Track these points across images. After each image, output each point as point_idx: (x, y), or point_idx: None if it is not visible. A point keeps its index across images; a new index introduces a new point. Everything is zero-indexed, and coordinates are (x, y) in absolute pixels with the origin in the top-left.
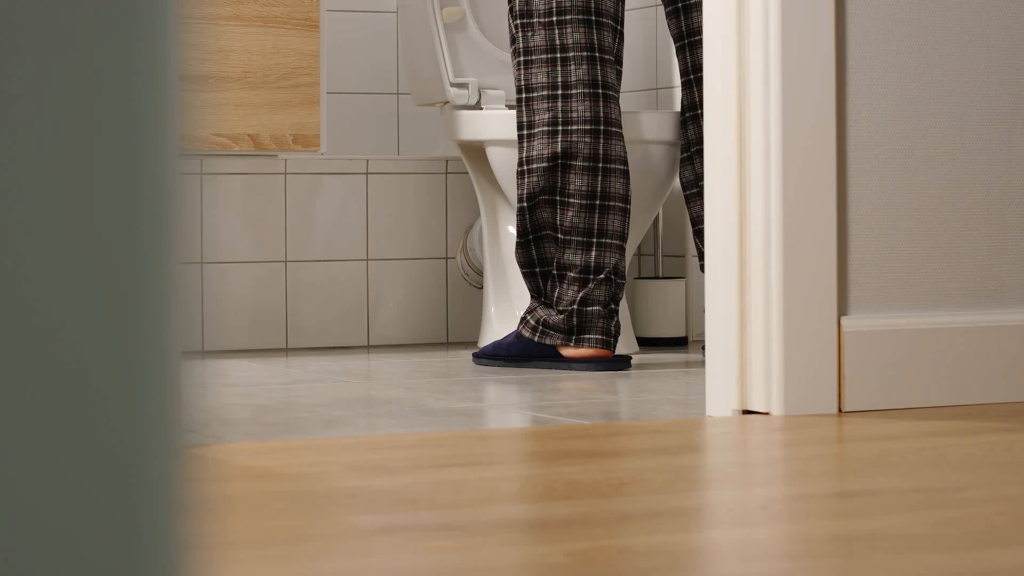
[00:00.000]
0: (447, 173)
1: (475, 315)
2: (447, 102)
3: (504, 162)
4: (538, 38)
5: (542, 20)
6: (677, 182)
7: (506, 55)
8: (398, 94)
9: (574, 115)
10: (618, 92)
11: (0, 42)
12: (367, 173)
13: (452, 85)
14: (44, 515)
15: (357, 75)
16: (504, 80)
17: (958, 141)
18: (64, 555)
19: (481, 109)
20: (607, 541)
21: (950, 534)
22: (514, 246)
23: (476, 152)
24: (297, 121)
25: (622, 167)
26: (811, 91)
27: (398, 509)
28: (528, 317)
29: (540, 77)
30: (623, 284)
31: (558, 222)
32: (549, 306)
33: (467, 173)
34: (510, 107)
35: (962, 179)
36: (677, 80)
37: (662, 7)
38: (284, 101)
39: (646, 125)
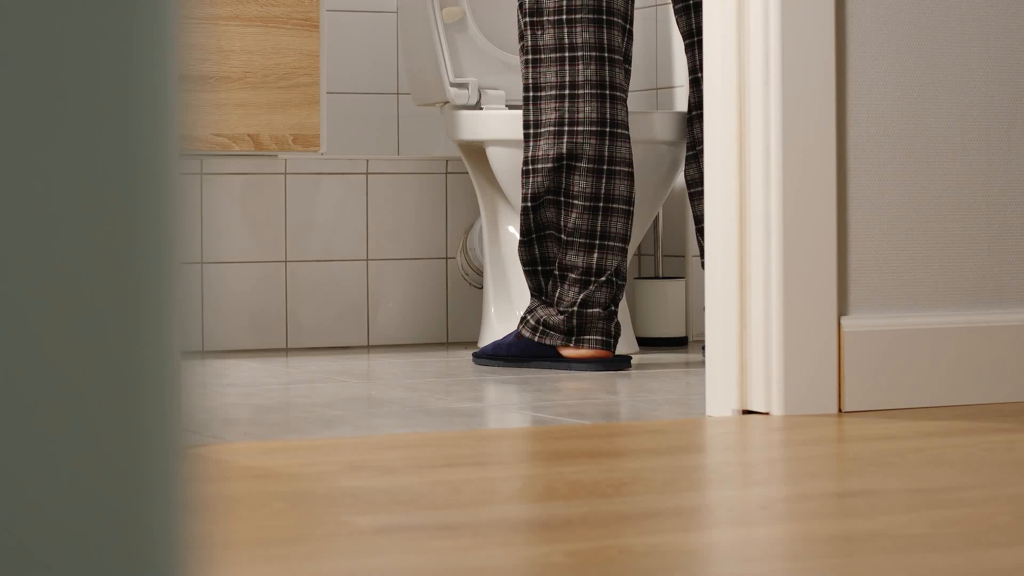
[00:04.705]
0: (447, 173)
1: (475, 315)
2: (447, 102)
3: (504, 162)
4: (547, 36)
5: (551, 18)
6: (678, 181)
7: (506, 55)
8: (398, 94)
9: (580, 116)
10: (626, 92)
11: (0, 42)
12: (367, 173)
13: (452, 85)
14: (44, 515)
15: (357, 75)
16: (504, 80)
17: (958, 141)
18: (64, 555)
19: (481, 109)
20: (607, 541)
21: (950, 534)
22: (514, 246)
23: (476, 152)
24: (297, 121)
25: (627, 169)
26: (811, 91)
27: (398, 509)
28: (528, 317)
29: (548, 76)
30: (624, 285)
31: (562, 223)
32: (549, 305)
33: (467, 173)
34: (510, 107)
35: (962, 179)
36: (677, 80)
37: (662, 7)
38: (284, 101)
39: (648, 125)
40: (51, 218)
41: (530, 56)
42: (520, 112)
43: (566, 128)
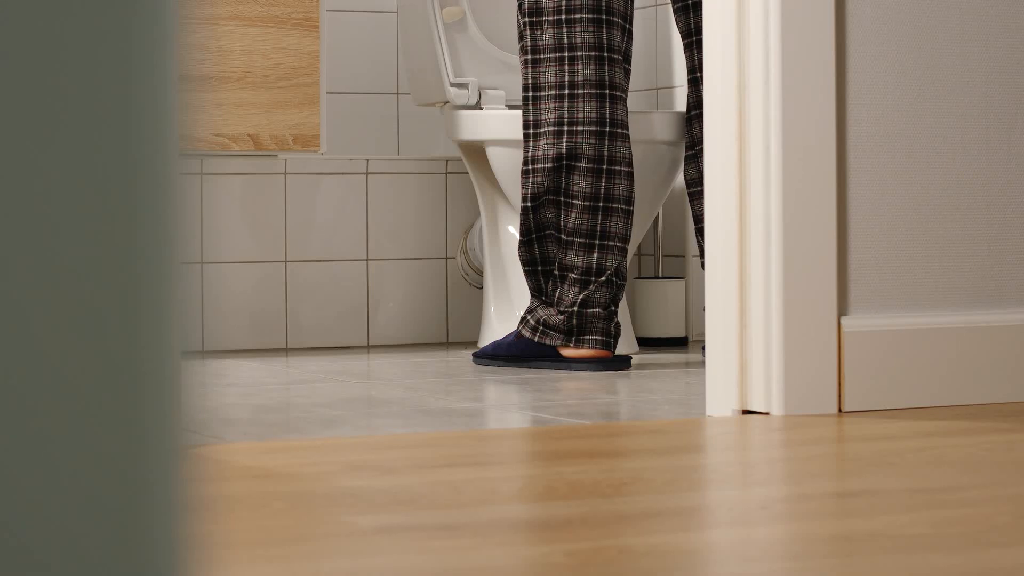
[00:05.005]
0: (447, 173)
1: (475, 315)
2: (447, 102)
3: (504, 162)
4: (547, 36)
5: (551, 18)
6: (678, 181)
7: (506, 55)
8: (398, 94)
9: (580, 115)
10: (626, 92)
11: (0, 41)
12: (367, 173)
13: (452, 85)
14: (44, 515)
15: (357, 75)
16: (504, 80)
17: (958, 141)
18: (64, 555)
19: (481, 109)
20: (607, 541)
21: (950, 534)
22: (514, 246)
23: (476, 152)
24: (297, 121)
25: (626, 168)
26: (811, 91)
27: (398, 509)
28: (528, 317)
29: (548, 76)
30: (624, 285)
31: (561, 223)
32: (549, 305)
33: (467, 173)
34: (510, 107)
35: (962, 179)
36: (677, 80)
37: (662, 7)
38: (284, 101)
39: (648, 125)
40: (51, 218)
41: (530, 56)
42: (520, 112)
43: (566, 128)
